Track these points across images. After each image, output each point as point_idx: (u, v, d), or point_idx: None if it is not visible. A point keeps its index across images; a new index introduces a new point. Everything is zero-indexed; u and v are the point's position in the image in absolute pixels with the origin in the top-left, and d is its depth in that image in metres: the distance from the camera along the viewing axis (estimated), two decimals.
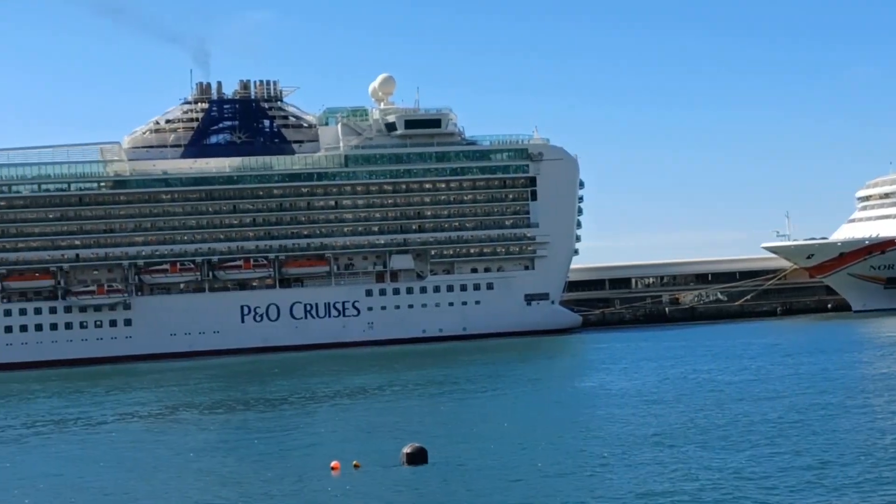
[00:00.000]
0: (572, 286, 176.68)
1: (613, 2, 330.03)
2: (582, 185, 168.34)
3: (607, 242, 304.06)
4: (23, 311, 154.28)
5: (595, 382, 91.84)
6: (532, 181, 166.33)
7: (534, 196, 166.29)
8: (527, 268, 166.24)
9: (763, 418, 65.25)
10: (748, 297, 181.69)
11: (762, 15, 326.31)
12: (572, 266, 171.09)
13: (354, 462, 55.59)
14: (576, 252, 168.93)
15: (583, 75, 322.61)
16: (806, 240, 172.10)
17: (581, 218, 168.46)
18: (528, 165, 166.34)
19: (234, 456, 62.02)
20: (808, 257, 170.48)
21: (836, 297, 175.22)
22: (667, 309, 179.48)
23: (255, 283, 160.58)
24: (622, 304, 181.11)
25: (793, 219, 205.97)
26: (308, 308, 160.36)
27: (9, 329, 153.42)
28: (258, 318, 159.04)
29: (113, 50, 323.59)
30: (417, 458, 55.60)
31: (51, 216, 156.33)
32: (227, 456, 62.27)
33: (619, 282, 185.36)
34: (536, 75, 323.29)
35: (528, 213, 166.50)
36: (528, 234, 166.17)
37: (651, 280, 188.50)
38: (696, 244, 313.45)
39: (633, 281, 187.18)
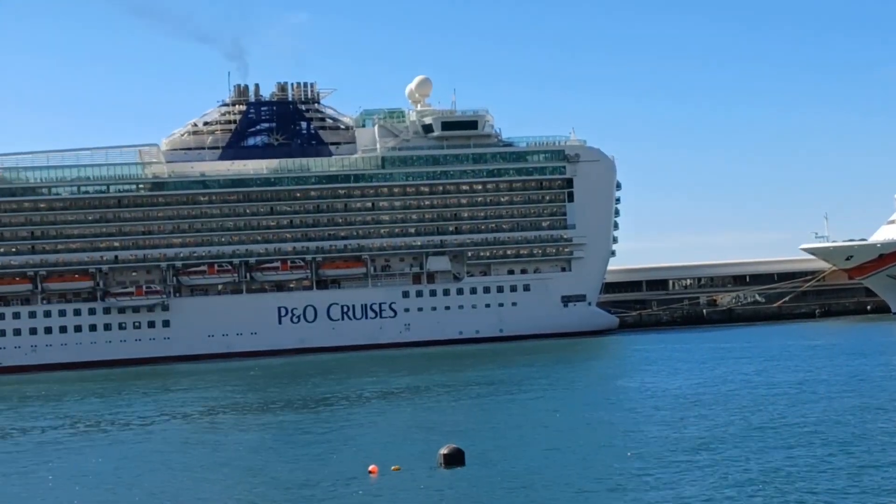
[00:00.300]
0: (609, 288, 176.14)
1: None
2: (619, 186, 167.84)
3: (644, 243, 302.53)
4: (62, 313, 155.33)
5: (632, 384, 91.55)
6: (569, 182, 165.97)
7: (570, 197, 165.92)
8: (563, 269, 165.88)
9: (803, 420, 64.80)
10: (786, 298, 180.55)
11: (804, 11, 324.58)
12: (609, 267, 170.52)
13: (394, 466, 55.50)
14: (613, 253, 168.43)
15: (620, 73, 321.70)
16: (845, 241, 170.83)
17: (618, 219, 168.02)
18: (564, 167, 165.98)
19: (272, 458, 62.15)
20: (847, 259, 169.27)
21: (875, 299, 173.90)
22: (704, 311, 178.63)
23: (292, 285, 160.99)
24: (659, 305, 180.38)
25: (831, 220, 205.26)
26: (345, 309, 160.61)
27: (48, 330, 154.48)
28: (295, 320, 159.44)
29: (151, 52, 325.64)
30: (454, 459, 55.57)
31: (90, 218, 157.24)
32: (265, 457, 62.42)
33: (657, 283, 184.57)
34: (574, 74, 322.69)
35: (564, 214, 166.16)
36: (565, 236, 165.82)
37: (688, 281, 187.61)
38: (734, 245, 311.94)
39: (671, 282, 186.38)
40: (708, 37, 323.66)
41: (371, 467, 55.36)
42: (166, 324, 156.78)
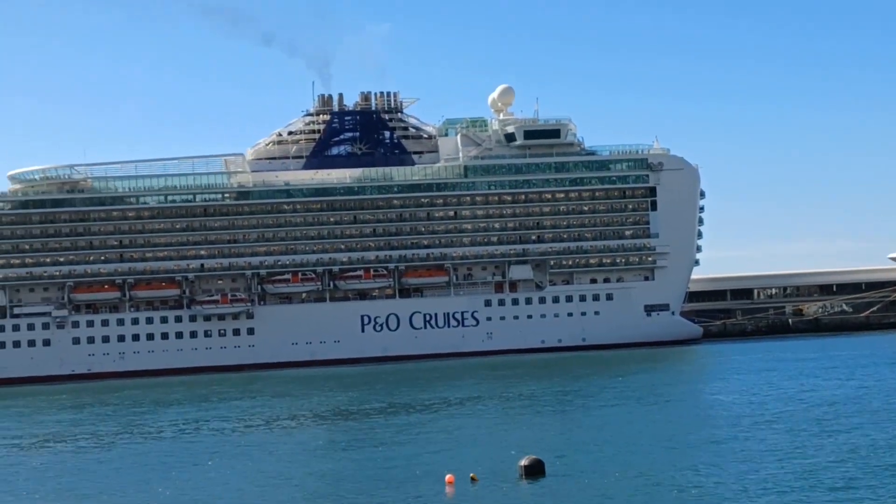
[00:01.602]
0: (693, 297, 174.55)
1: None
2: (703, 194, 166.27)
3: (729, 252, 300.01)
4: (149, 320, 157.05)
5: (717, 395, 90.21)
6: (652, 191, 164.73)
7: (654, 206, 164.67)
8: (647, 278, 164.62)
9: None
10: (874, 308, 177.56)
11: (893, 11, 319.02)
12: (693, 276, 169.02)
13: (472, 475, 55.08)
14: (696, 262, 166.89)
15: (704, 78, 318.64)
16: None
17: (702, 227, 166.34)
18: (647, 175, 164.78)
19: (351, 466, 61.97)
20: None
21: None
22: (790, 320, 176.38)
23: (374, 293, 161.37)
24: (744, 314, 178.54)
25: None
26: (427, 318, 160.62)
27: (136, 337, 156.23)
28: (378, 328, 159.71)
29: (237, 63, 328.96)
30: (535, 470, 54.92)
31: (177, 227, 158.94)
32: (341, 464, 62.30)
33: (741, 292, 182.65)
34: (656, 80, 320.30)
35: (647, 223, 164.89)
36: (648, 245, 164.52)
37: (774, 291, 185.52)
38: (821, 254, 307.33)
39: (756, 292, 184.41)
40: (794, 40, 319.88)
41: (448, 477, 54.86)
42: (251, 331, 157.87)
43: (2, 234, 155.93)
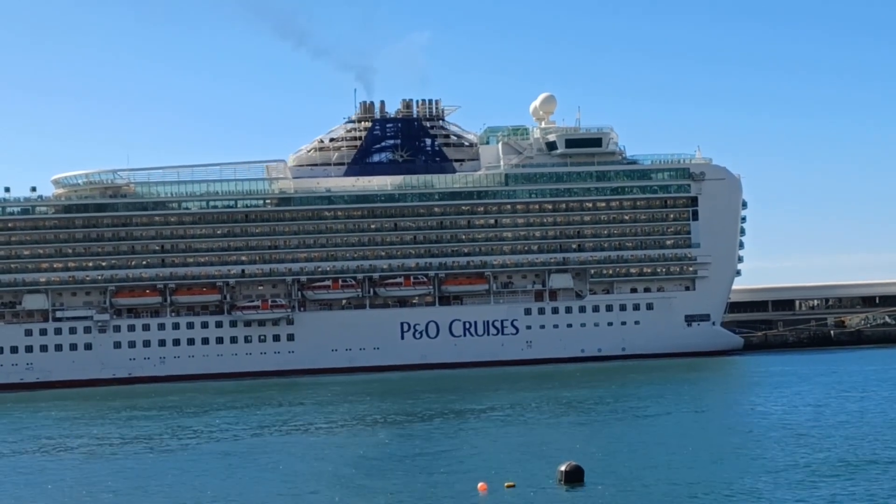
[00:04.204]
0: (734, 307, 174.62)
1: (776, 6, 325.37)
2: (745, 204, 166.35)
3: (770, 263, 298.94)
4: (190, 325, 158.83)
5: (757, 406, 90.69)
6: (693, 201, 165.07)
7: (695, 216, 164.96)
8: (687, 288, 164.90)
9: None
10: None
11: None
12: (734, 287, 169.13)
13: (507, 483, 55.85)
14: (738, 273, 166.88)
15: (747, 87, 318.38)
16: None
17: (743, 238, 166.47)
18: (689, 185, 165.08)
19: (389, 471, 63.00)
20: None
21: None
22: (832, 332, 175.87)
23: (414, 301, 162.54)
24: (785, 326, 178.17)
25: None
26: (467, 326, 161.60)
27: (177, 342, 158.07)
28: (417, 335, 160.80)
29: (280, 69, 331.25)
30: (574, 477, 55.88)
31: (218, 232, 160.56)
32: (382, 471, 63.33)
33: (783, 303, 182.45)
34: (699, 89, 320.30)
35: (689, 233, 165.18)
36: (690, 255, 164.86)
37: (816, 302, 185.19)
38: (863, 266, 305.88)
39: (797, 303, 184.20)
40: (837, 51, 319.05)
41: (480, 485, 55.53)
42: (290, 337, 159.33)
43: (45, 238, 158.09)
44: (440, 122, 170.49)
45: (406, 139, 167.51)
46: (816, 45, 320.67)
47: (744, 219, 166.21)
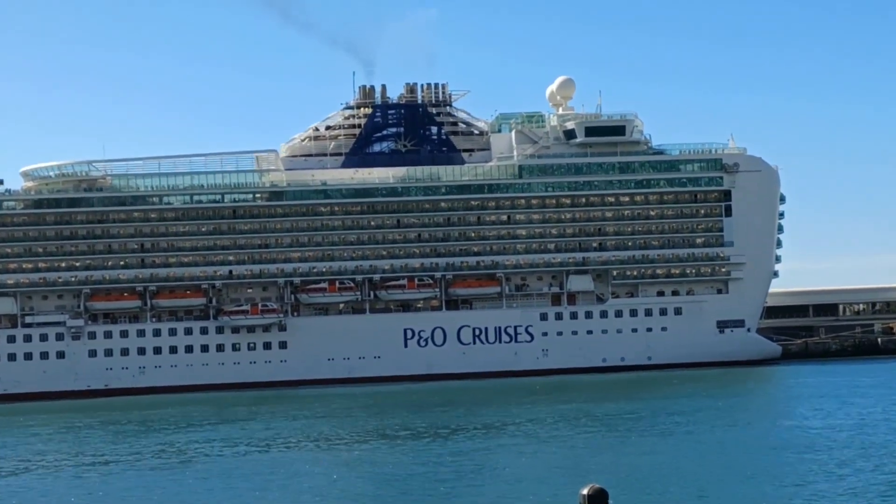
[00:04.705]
0: (770, 312, 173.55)
1: None
2: (783, 199, 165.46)
3: (811, 264, 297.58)
4: (172, 332, 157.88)
5: (797, 423, 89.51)
6: (726, 195, 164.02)
7: (728, 211, 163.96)
8: (720, 291, 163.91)
9: None
10: None
11: None
12: (771, 290, 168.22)
13: None
14: (775, 274, 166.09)
15: (784, 72, 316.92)
16: None
17: (781, 236, 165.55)
18: (721, 177, 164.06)
19: (389, 493, 61.87)
20: None
21: None
22: (879, 339, 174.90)
23: (419, 305, 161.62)
24: (827, 333, 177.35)
25: None
26: (477, 332, 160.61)
27: (157, 350, 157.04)
28: (422, 343, 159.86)
29: (270, 50, 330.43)
30: (597, 500, 54.35)
31: (203, 229, 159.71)
32: (380, 495, 62.16)
33: (825, 308, 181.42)
34: (731, 71, 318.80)
35: (721, 230, 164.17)
36: (722, 254, 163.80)
37: (861, 307, 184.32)
38: None
39: (841, 307, 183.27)
40: (886, 27, 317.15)
41: None
42: (283, 345, 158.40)
43: (13, 236, 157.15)
44: (447, 108, 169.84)
45: (410, 127, 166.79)
46: (861, 22, 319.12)
47: (782, 215, 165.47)
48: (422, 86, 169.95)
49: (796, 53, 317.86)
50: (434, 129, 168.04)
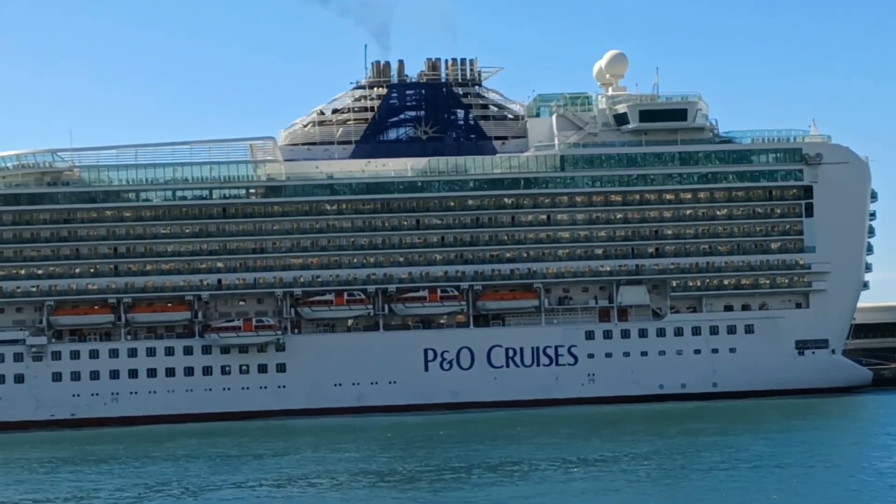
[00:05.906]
0: (859, 331, 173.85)
1: None
2: (874, 196, 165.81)
3: None
4: (151, 351, 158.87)
5: (889, 462, 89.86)
6: (807, 191, 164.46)
7: (809, 211, 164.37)
8: (799, 305, 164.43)
9: None
10: None
11: None
12: (860, 304, 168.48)
13: None
14: (865, 285, 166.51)
15: (875, 45, 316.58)
16: None
17: (872, 240, 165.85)
18: (802, 171, 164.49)
19: None
20: None
21: None
22: None
23: (442, 321, 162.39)
24: None
25: None
26: (510, 354, 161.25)
27: (133, 374, 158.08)
28: (446, 366, 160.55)
29: (268, 22, 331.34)
30: None
31: (187, 231, 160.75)
32: None
33: None
34: (812, 48, 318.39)
35: (801, 233, 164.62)
36: (801, 262, 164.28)
37: None
38: None
39: None
40: None
41: None
42: (281, 368, 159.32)
43: None
44: (476, 87, 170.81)
45: (431, 110, 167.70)
46: None
47: (873, 215, 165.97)
48: (446, 62, 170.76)
49: (890, 28, 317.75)
50: (460, 113, 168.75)
